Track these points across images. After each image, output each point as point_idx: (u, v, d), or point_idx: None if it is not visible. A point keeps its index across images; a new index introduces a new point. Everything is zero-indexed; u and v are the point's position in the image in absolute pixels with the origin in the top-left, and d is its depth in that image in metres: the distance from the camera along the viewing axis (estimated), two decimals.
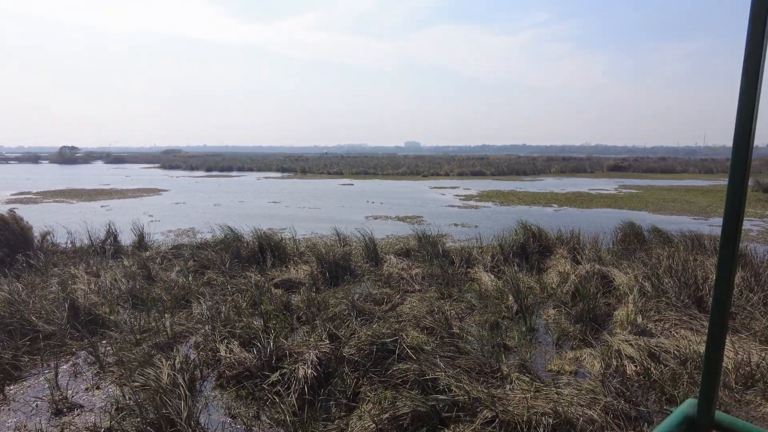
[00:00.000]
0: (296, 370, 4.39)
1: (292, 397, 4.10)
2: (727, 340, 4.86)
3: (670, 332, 5.50)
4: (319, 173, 41.81)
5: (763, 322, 5.52)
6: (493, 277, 7.70)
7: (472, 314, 6.35)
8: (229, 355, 4.80)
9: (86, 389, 4.52)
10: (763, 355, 4.86)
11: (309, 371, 4.36)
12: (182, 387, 4.16)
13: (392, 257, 8.91)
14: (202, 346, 5.24)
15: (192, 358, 4.97)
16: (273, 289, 7.26)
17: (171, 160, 63.60)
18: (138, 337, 5.46)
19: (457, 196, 22.61)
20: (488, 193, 23.60)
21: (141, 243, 10.08)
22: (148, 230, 10.85)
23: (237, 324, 5.48)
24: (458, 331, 5.51)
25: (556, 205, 18.66)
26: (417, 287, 7.42)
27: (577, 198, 21.38)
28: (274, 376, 4.41)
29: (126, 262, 8.50)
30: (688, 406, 1.16)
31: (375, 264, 8.71)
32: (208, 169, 46.26)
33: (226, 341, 5.12)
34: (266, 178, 36.29)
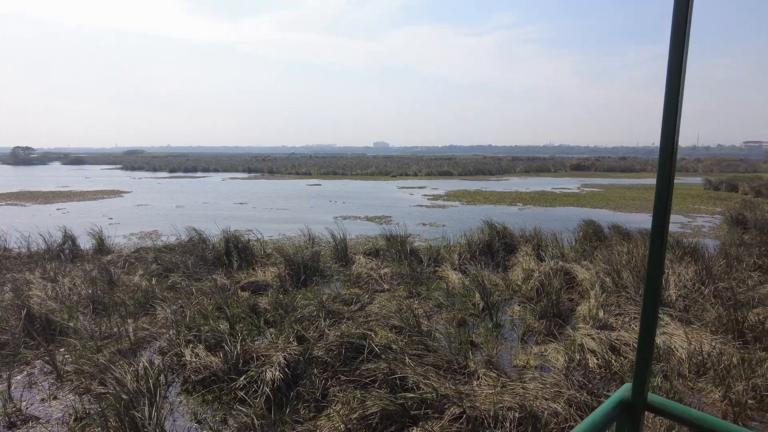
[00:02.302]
0: (264, 373, 4.34)
1: (260, 400, 4.06)
2: (681, 331, 5.09)
3: (630, 325, 5.70)
4: (287, 173, 41.37)
5: (714, 313, 5.80)
6: (460, 275, 7.80)
7: (440, 312, 6.43)
8: (194, 360, 4.71)
9: (42, 400, 4.35)
10: (714, 344, 5.10)
11: (277, 373, 4.32)
12: (146, 393, 4.06)
13: (361, 257, 8.92)
14: (166, 351, 5.12)
15: (156, 363, 4.85)
16: (240, 291, 7.16)
17: (133, 160, 61.72)
18: (99, 343, 5.29)
19: (425, 196, 22.79)
20: (455, 193, 23.88)
21: (101, 246, 9.76)
22: (108, 233, 10.51)
23: (203, 328, 5.38)
24: (427, 329, 5.57)
25: (520, 204, 19.05)
26: (386, 286, 7.45)
27: (541, 197, 21.89)
28: (242, 380, 4.35)
29: (86, 267, 8.22)
30: (624, 390, 1.22)
31: (344, 264, 8.70)
32: (172, 170, 45.09)
33: (191, 345, 5.01)
34: (232, 178, 35.67)
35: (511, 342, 5.59)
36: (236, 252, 8.94)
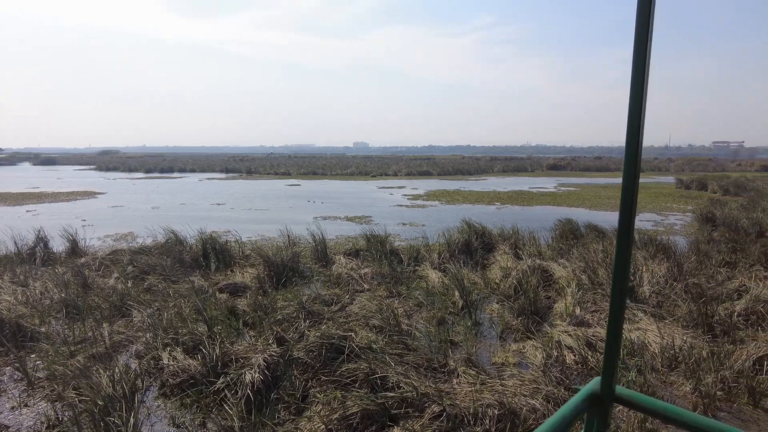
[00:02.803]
0: (243, 375, 4.31)
1: (239, 402, 4.02)
2: (654, 327, 5.22)
3: (606, 322, 5.83)
4: (265, 174, 40.99)
5: (685, 309, 5.97)
6: (440, 274, 7.86)
7: (420, 311, 6.46)
8: (172, 363, 4.65)
9: (12, 408, 4.23)
10: (685, 338, 5.25)
11: (256, 375, 4.29)
12: (122, 398, 3.98)
13: (342, 257, 8.91)
14: (143, 354, 5.04)
15: (133, 367, 4.77)
16: (218, 293, 7.08)
17: (108, 161, 60.26)
18: (72, 348, 5.17)
19: (405, 195, 22.86)
20: (435, 193, 24.01)
21: (75, 249, 9.52)
22: (83, 235, 10.26)
23: (180, 330, 5.31)
24: (407, 328, 5.60)
25: (498, 204, 19.26)
26: (366, 286, 7.46)
27: (519, 196, 22.17)
28: (220, 382, 4.31)
29: (58, 270, 8.02)
30: (593, 384, 1.27)
31: (325, 265, 8.67)
32: (148, 171, 44.21)
33: (169, 349, 4.94)
34: (210, 179, 35.19)
35: (490, 340, 5.66)
36: (214, 253, 8.84)
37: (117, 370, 4.42)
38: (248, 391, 4.13)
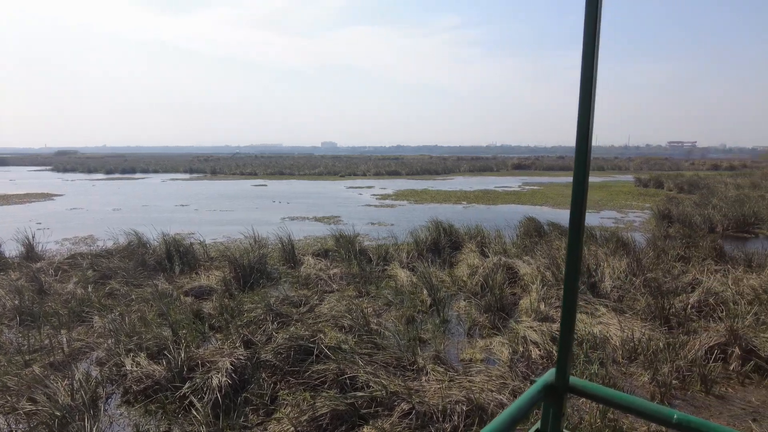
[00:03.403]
0: (210, 379, 4.23)
1: (206, 407, 3.95)
2: (615, 321, 5.41)
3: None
4: (231, 174, 40.25)
5: (643, 302, 6.20)
6: (408, 272, 7.92)
7: (389, 310, 6.49)
8: (135, 369, 4.52)
9: None
10: (644, 331, 5.46)
11: (223, 379, 4.22)
12: (82, 408, 3.86)
13: (310, 258, 8.85)
14: (105, 361, 4.88)
15: (94, 375, 4.61)
16: (183, 297, 6.92)
17: (65, 161, 57.91)
18: (27, 357, 4.96)
19: (373, 195, 22.88)
20: (403, 192, 24.14)
21: (30, 254, 9.12)
22: (38, 239, 9.84)
23: (144, 335, 5.17)
24: (376, 328, 5.62)
25: (465, 203, 19.53)
26: (335, 287, 7.44)
27: (485, 195, 22.53)
28: (186, 387, 4.22)
29: (11, 276, 7.67)
30: (548, 375, 1.33)
31: (293, 266, 8.60)
32: (109, 172, 42.71)
33: (132, 354, 4.81)
34: (173, 180, 34.32)
35: (458, 337, 5.74)
36: (178, 256, 8.64)
37: (76, 379, 4.28)
38: (215, 395, 4.06)
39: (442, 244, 9.51)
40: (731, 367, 4.75)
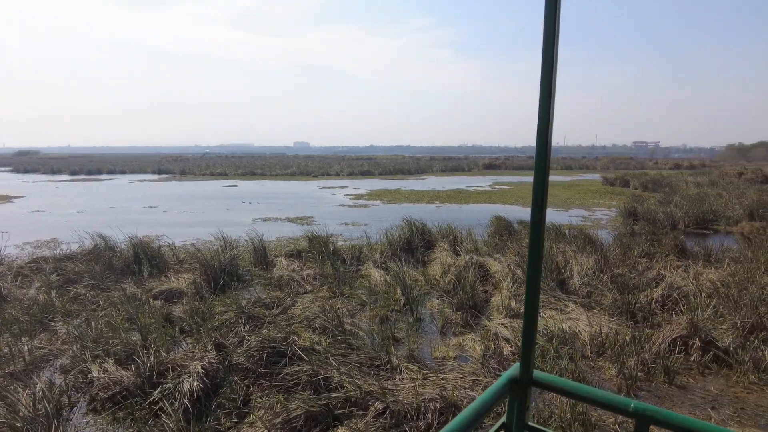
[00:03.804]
0: (181, 384, 4.16)
1: (177, 412, 3.89)
2: (584, 316, 5.55)
3: (540, 313, 6.12)
4: (201, 174, 39.51)
5: (610, 298, 6.39)
6: (382, 272, 7.94)
7: (363, 310, 6.50)
8: (103, 375, 4.40)
9: None
10: (611, 326, 5.63)
11: (195, 383, 4.16)
12: (46, 417, 3.74)
13: (283, 259, 8.78)
14: (70, 368, 4.73)
15: (58, 383, 4.47)
16: (152, 300, 6.77)
17: (26, 162, 55.60)
18: None
19: (347, 195, 22.84)
20: (377, 192, 24.17)
21: None
22: None
23: (112, 341, 5.04)
24: (350, 328, 5.62)
25: (438, 202, 19.69)
26: (309, 288, 7.41)
27: (457, 195, 22.78)
28: (157, 393, 4.14)
29: None
30: (513, 369, 1.37)
31: (265, 267, 8.52)
32: (73, 173, 41.29)
33: (99, 360, 4.68)
34: (141, 181, 33.47)
35: (431, 335, 5.80)
36: (147, 259, 8.44)
37: (39, 388, 4.14)
38: (186, 400, 4.00)
39: (415, 244, 9.57)
40: (692, 358, 4.94)
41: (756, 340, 5.03)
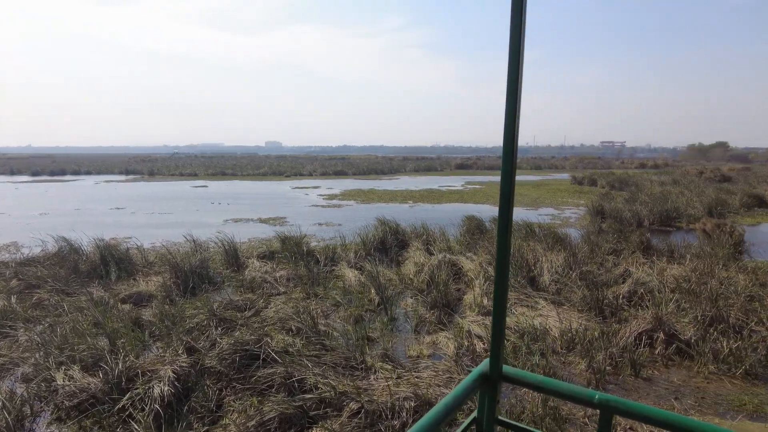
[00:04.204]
0: (151, 389, 4.07)
1: (147, 418, 3.80)
2: (554, 313, 5.67)
3: (511, 311, 6.23)
4: (170, 175, 38.65)
5: (580, 294, 6.55)
6: (356, 272, 7.94)
7: (337, 310, 6.49)
8: (68, 383, 4.27)
9: None
10: (581, 321, 5.77)
11: (166, 388, 4.07)
12: (5, 429, 3.60)
13: (255, 261, 8.68)
14: (32, 377, 4.57)
15: (20, 393, 4.31)
16: (120, 304, 6.60)
17: None
18: None
19: (320, 195, 22.72)
20: (350, 192, 24.12)
21: None
22: None
23: (78, 347, 4.88)
24: (324, 329, 5.60)
25: (411, 202, 19.79)
26: (282, 289, 7.34)
27: (430, 194, 22.94)
28: (126, 399, 4.04)
29: None
30: (483, 365, 1.41)
31: (237, 269, 8.40)
32: (35, 173, 39.77)
33: (64, 368, 4.53)
34: (108, 181, 32.52)
35: (406, 334, 5.83)
36: (114, 262, 8.22)
37: None
38: (157, 405, 3.91)
39: (389, 243, 9.60)
40: (657, 351, 5.11)
41: (715, 332, 5.24)
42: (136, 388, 4.13)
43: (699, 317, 5.53)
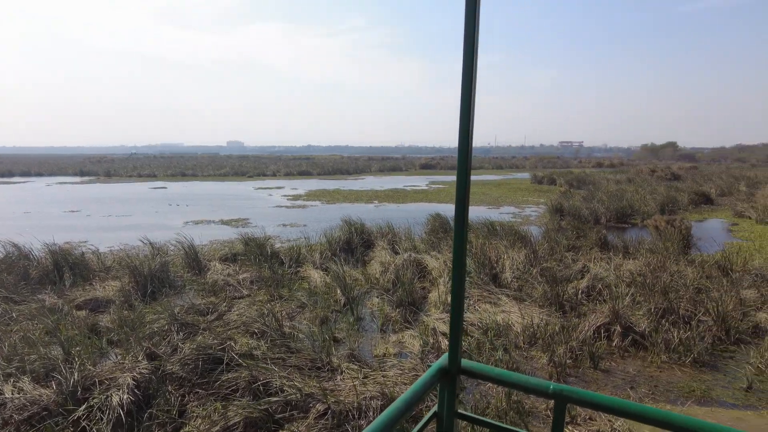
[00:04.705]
0: (109, 398, 3.93)
1: (106, 428, 3.67)
2: (516, 308, 5.79)
3: (475, 307, 6.34)
4: (127, 176, 37.35)
5: (540, 290, 6.72)
6: (322, 273, 7.90)
7: (303, 312, 6.44)
8: (17, 396, 4.07)
9: None
10: (542, 317, 5.92)
11: (125, 396, 3.94)
12: None
13: (217, 263, 8.51)
14: None
15: None
16: (75, 311, 6.34)
17: None
18: None
19: (284, 196, 22.46)
20: (315, 193, 23.96)
21: None
22: None
23: (28, 357, 4.66)
24: (289, 331, 5.55)
25: (377, 201, 19.84)
26: (246, 292, 7.23)
27: (395, 194, 23.05)
28: (82, 410, 3.88)
29: None
30: (442, 359, 1.45)
31: (198, 272, 8.21)
32: None
33: (12, 379, 4.32)
34: (61, 183, 31.12)
35: (372, 333, 5.84)
36: (68, 267, 7.89)
37: None
38: (116, 414, 3.78)
39: (354, 243, 9.60)
40: (614, 344, 5.31)
41: (667, 323, 5.50)
42: (93, 398, 3.98)
43: (652, 310, 5.78)
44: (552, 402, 1.42)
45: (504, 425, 1.43)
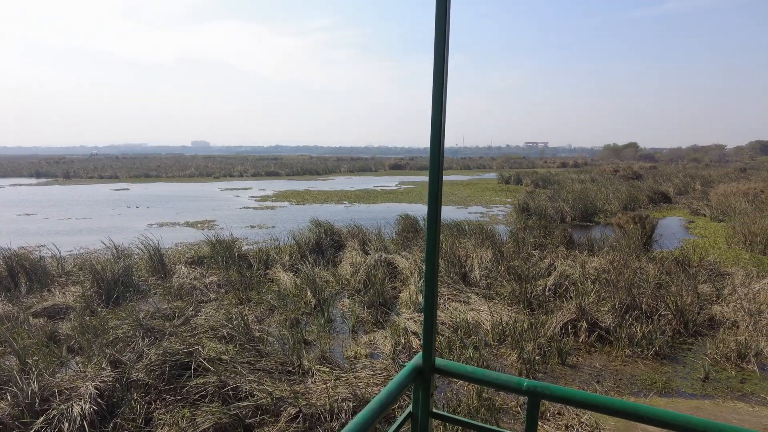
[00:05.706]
0: (70, 408, 3.78)
1: None
2: (485, 307, 5.87)
3: (445, 306, 6.39)
4: (87, 178, 36.03)
5: (509, 288, 6.83)
6: (291, 275, 7.81)
7: (272, 315, 6.35)
8: None
9: None
10: (510, 314, 6.02)
11: (87, 406, 3.80)
12: None
13: (183, 267, 8.30)
14: None
15: None
16: (32, 319, 6.07)
17: None
18: None
19: (252, 197, 22.13)
20: (284, 193, 23.70)
21: None
22: None
23: None
24: (259, 334, 5.46)
25: (347, 202, 19.77)
26: (213, 295, 7.08)
27: (365, 194, 23.04)
28: (40, 422, 3.72)
29: None
30: (416, 359, 1.46)
31: (163, 276, 7.99)
32: None
33: None
34: (16, 185, 29.75)
35: (343, 335, 5.81)
36: (24, 273, 7.55)
37: None
38: (78, 425, 3.64)
39: (324, 244, 9.53)
40: (581, 339, 5.44)
41: (630, 319, 5.67)
42: (53, 409, 3.82)
43: (616, 306, 5.96)
44: (523, 398, 1.46)
45: (477, 423, 1.44)
